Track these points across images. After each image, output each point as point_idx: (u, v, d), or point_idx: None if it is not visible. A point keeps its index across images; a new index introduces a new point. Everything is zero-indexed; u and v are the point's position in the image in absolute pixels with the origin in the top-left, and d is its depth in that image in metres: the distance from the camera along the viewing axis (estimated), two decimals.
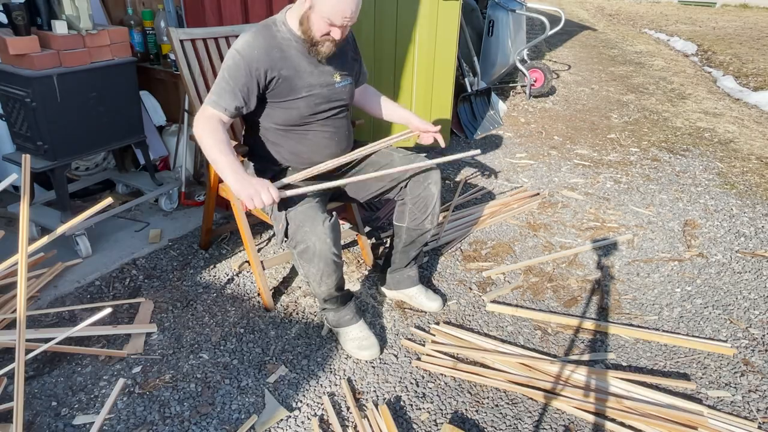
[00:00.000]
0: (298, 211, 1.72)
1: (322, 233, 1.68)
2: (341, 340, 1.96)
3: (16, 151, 2.39)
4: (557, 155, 3.90)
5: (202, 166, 3.06)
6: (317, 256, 1.71)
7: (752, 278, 2.49)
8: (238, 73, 1.72)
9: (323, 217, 1.70)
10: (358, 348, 1.91)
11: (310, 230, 1.69)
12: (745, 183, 3.52)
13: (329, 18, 1.67)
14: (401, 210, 2.04)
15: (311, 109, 1.85)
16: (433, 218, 2.01)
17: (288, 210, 1.74)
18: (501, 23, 4.78)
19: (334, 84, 1.87)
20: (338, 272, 1.80)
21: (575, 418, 1.71)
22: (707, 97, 5.68)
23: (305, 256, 1.72)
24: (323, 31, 1.71)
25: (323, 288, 1.82)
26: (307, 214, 1.70)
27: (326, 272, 1.75)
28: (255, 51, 1.72)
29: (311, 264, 1.73)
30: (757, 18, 11.61)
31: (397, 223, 2.08)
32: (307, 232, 1.69)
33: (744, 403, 1.80)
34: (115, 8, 2.97)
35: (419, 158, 2.00)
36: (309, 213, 1.71)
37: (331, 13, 1.66)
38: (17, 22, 2.09)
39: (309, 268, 1.75)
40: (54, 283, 2.22)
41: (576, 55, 7.73)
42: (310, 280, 1.81)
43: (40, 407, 1.67)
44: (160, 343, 1.95)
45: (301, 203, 1.73)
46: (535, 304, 2.27)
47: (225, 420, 1.66)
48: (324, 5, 1.65)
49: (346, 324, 1.95)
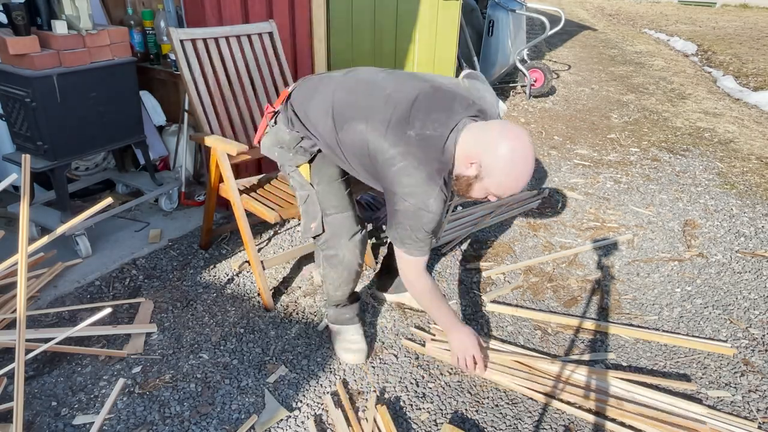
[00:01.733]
0: (335, 219, 1.73)
1: (354, 246, 1.72)
2: (333, 338, 1.97)
3: (16, 151, 2.39)
4: (557, 155, 3.89)
5: (201, 166, 3.06)
6: (343, 265, 1.75)
7: (752, 278, 2.49)
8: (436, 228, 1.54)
9: (357, 228, 1.73)
10: (344, 350, 1.92)
11: (345, 241, 1.72)
12: (745, 183, 3.52)
13: (496, 194, 1.50)
14: None
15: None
16: None
17: (326, 214, 1.73)
18: (501, 23, 4.78)
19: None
20: (357, 281, 1.84)
21: (575, 418, 1.71)
22: (707, 97, 5.68)
23: (332, 261, 1.76)
24: (480, 197, 1.54)
25: (339, 293, 1.85)
26: (344, 225, 1.72)
27: (347, 280, 1.80)
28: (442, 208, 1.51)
29: (335, 270, 1.77)
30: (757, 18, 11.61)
31: None
32: (341, 243, 1.72)
33: (744, 403, 1.80)
34: (115, 8, 2.97)
35: None
36: (346, 224, 1.72)
37: (499, 191, 1.48)
38: (17, 22, 2.09)
39: (331, 272, 1.79)
40: (54, 283, 2.22)
41: (576, 55, 7.73)
42: (327, 282, 1.84)
43: (40, 407, 1.67)
44: (160, 343, 1.95)
45: (340, 210, 1.73)
46: (535, 304, 2.27)
47: (225, 420, 1.66)
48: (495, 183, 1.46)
49: (343, 323, 1.95)
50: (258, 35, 2.37)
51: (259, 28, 2.38)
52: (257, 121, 2.34)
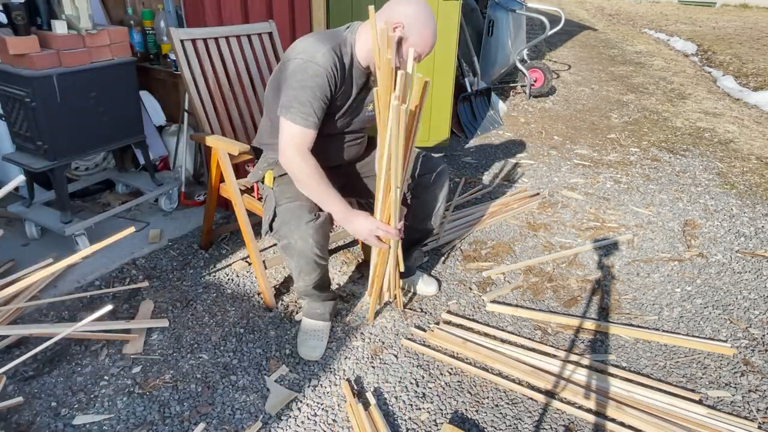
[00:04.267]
0: (286, 208, 1.75)
1: (305, 233, 1.70)
2: (299, 329, 2.01)
3: (16, 151, 2.39)
4: (557, 155, 3.89)
5: (201, 166, 3.06)
6: (297, 252, 1.74)
7: (752, 278, 2.49)
8: (324, 88, 1.65)
9: (309, 216, 1.72)
10: (301, 343, 1.95)
11: (295, 228, 1.71)
12: (745, 183, 3.52)
13: (420, 49, 1.65)
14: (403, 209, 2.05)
15: (342, 129, 1.87)
16: (435, 219, 2.04)
17: (278, 203, 1.77)
18: (501, 23, 4.78)
19: (366, 112, 1.89)
20: (318, 271, 1.82)
21: (575, 418, 1.71)
22: (707, 97, 5.69)
23: (287, 250, 1.77)
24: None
25: (300, 283, 1.87)
26: (294, 212, 1.73)
27: (305, 270, 1.80)
28: (330, 66, 1.65)
29: (292, 259, 1.78)
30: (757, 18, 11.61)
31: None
32: (291, 229, 1.72)
33: (744, 403, 1.80)
34: (115, 8, 2.97)
35: (431, 160, 2.01)
36: (296, 211, 1.73)
37: (422, 46, 1.65)
38: (17, 21, 2.09)
39: (290, 261, 1.81)
40: (54, 283, 2.22)
41: (576, 55, 7.73)
42: (292, 272, 1.87)
43: (40, 407, 1.67)
44: (160, 343, 1.95)
45: (292, 200, 1.76)
46: (535, 304, 2.27)
47: (225, 420, 1.66)
48: (417, 38, 1.63)
49: (311, 317, 1.98)
50: (258, 35, 2.37)
51: (259, 28, 2.38)
52: (257, 121, 2.34)
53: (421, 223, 2.04)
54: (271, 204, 1.81)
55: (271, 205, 1.81)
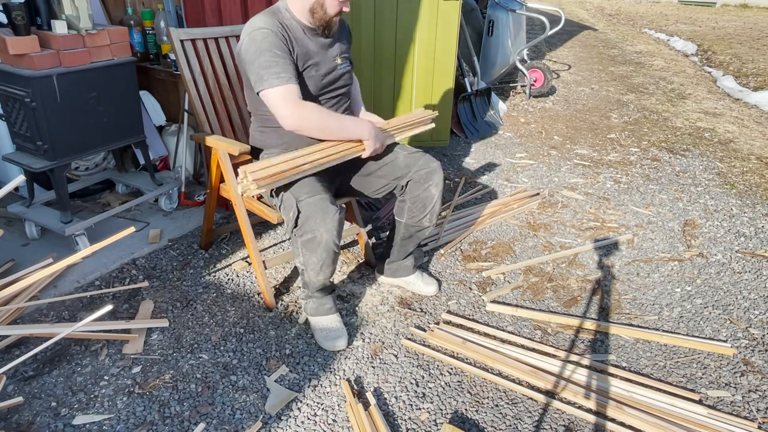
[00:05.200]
0: (310, 202, 1.75)
1: (331, 225, 1.73)
2: (313, 329, 2.01)
3: (16, 151, 2.39)
4: (557, 155, 3.89)
5: (201, 166, 3.06)
6: (321, 246, 1.75)
7: (752, 278, 2.49)
8: (278, 44, 1.76)
9: (334, 209, 1.75)
10: (325, 338, 1.96)
11: (321, 221, 1.73)
12: (745, 183, 3.52)
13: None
14: (401, 206, 2.09)
15: (317, 88, 1.90)
16: (431, 216, 2.05)
17: (299, 200, 1.77)
18: (501, 23, 4.78)
19: (337, 66, 1.95)
20: (336, 263, 1.86)
21: (575, 418, 1.71)
22: (707, 97, 5.68)
23: (310, 245, 1.77)
24: (337, 9, 1.83)
25: (320, 277, 1.87)
26: (319, 206, 1.74)
27: (326, 263, 1.81)
28: (273, 26, 1.78)
29: (314, 253, 1.78)
30: (757, 18, 11.61)
31: (397, 218, 2.13)
32: (317, 223, 1.73)
33: (744, 403, 1.80)
34: (115, 8, 2.97)
35: (424, 158, 2.01)
36: (321, 204, 1.74)
37: None
38: (17, 21, 2.09)
39: (310, 257, 1.80)
40: (54, 283, 2.22)
41: (576, 55, 7.73)
42: (308, 269, 1.85)
43: (40, 407, 1.67)
44: (159, 343, 1.95)
45: (313, 195, 1.77)
46: (535, 304, 2.27)
47: (225, 420, 1.66)
48: None
49: (324, 313, 2.00)
50: None
51: None
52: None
53: (416, 220, 2.06)
54: (291, 202, 1.80)
55: (292, 203, 1.79)
